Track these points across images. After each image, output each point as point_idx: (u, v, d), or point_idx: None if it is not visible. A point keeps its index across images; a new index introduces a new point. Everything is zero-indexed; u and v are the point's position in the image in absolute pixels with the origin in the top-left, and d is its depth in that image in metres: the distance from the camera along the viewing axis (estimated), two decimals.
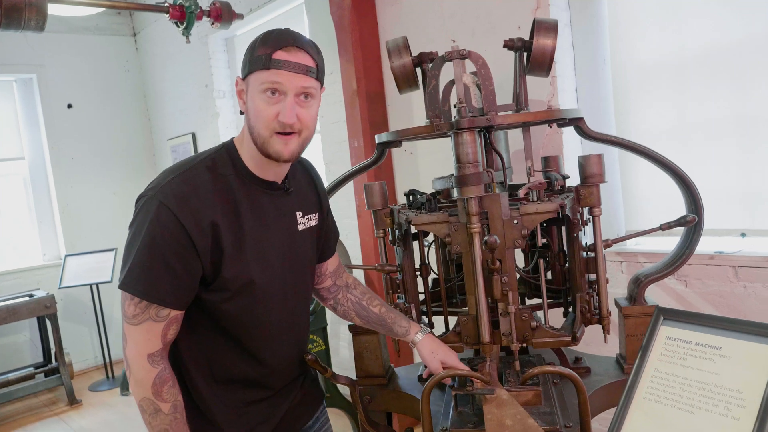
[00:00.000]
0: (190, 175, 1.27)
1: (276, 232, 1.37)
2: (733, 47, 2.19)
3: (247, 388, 1.42)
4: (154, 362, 1.25)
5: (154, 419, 1.25)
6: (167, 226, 1.20)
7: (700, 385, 1.03)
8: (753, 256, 2.09)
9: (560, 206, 1.47)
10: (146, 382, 1.24)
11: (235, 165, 1.33)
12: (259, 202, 1.34)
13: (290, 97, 1.24)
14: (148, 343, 1.24)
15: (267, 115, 1.24)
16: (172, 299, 1.23)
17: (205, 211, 1.24)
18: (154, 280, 1.21)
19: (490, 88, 1.48)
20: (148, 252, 1.21)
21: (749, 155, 2.20)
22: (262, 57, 1.23)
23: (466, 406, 1.46)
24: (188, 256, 1.22)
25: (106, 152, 5.63)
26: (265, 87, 1.23)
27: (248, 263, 1.30)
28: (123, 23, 5.70)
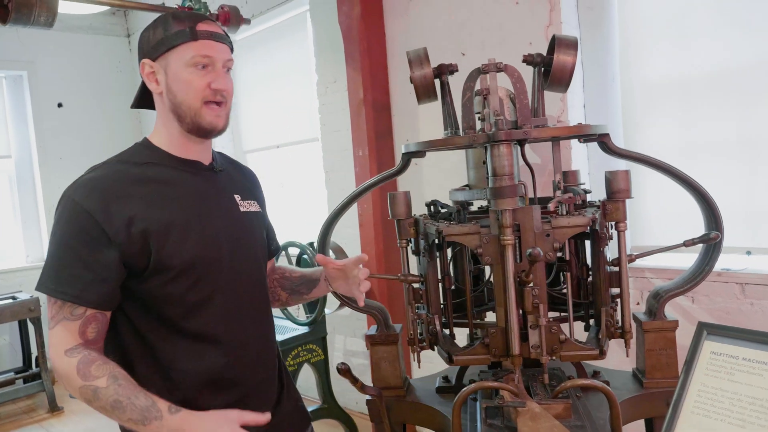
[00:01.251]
0: (100, 170, 1.28)
1: (212, 210, 1.34)
2: (741, 70, 2.25)
3: (215, 390, 1.32)
4: (73, 353, 1.19)
5: (98, 399, 1.16)
6: (77, 219, 1.20)
7: (750, 400, 1.04)
8: (760, 274, 2.14)
9: (592, 220, 1.48)
10: (71, 372, 1.17)
11: (152, 152, 1.33)
12: (187, 181, 1.33)
13: (218, 67, 1.28)
14: (63, 341, 1.20)
15: (198, 86, 1.26)
16: (88, 295, 1.19)
17: (118, 198, 1.22)
18: (66, 276, 1.19)
19: (525, 101, 1.50)
20: (59, 249, 1.21)
21: (754, 175, 2.26)
22: (185, 30, 1.25)
23: (495, 419, 1.46)
24: (101, 247, 1.20)
25: (95, 153, 5.46)
26: (195, 60, 1.25)
27: (182, 240, 1.26)
28: (117, 23, 5.64)
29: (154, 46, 1.29)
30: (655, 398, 1.70)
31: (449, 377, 1.88)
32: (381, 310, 1.89)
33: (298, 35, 3.97)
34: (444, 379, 1.87)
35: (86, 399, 1.18)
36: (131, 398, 1.15)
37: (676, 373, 1.71)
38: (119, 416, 1.16)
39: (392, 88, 3.29)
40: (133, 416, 1.14)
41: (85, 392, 1.17)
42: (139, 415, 1.14)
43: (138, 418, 1.14)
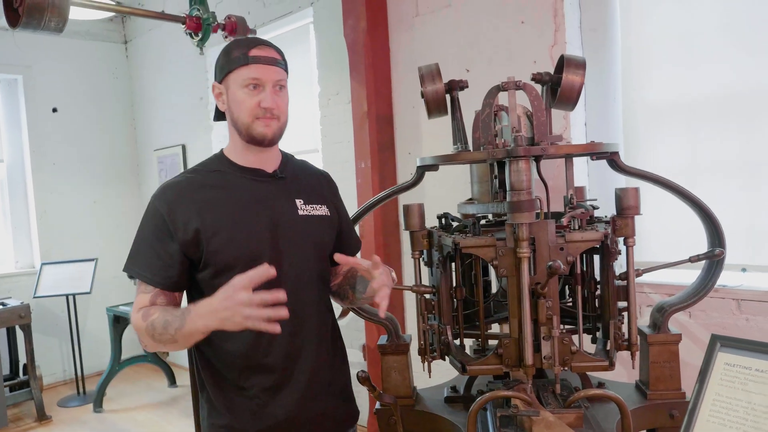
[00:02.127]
0: (177, 177, 1.54)
1: (266, 212, 1.49)
2: (743, 93, 2.33)
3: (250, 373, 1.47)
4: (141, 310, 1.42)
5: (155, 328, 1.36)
6: (152, 216, 1.46)
7: (764, 409, 1.08)
8: (755, 291, 2.20)
9: (604, 235, 1.53)
10: (138, 320, 1.40)
11: (220, 162, 1.55)
12: (245, 186, 1.51)
13: (268, 88, 1.45)
14: (137, 306, 1.45)
15: (250, 105, 1.45)
16: (156, 278, 1.43)
17: (182, 199, 1.45)
18: (143, 262, 1.45)
19: (542, 119, 1.55)
20: (140, 240, 1.48)
21: (753, 196, 2.34)
22: (239, 56, 1.45)
23: (508, 427, 1.49)
24: (167, 240, 1.43)
25: (88, 159, 5.50)
26: (246, 82, 1.44)
27: (229, 240, 1.44)
28: (114, 30, 5.64)
29: (219, 70, 1.50)
30: (658, 409, 1.75)
31: (457, 387, 1.91)
32: (392, 320, 1.92)
33: (300, 47, 4.01)
34: (452, 389, 1.90)
35: (150, 335, 1.37)
36: (173, 313, 1.36)
37: (679, 385, 1.76)
38: (170, 332, 1.34)
39: (395, 101, 3.34)
40: (177, 325, 1.33)
41: (148, 329, 1.37)
42: (179, 322, 1.33)
43: (180, 324, 1.33)
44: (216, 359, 1.50)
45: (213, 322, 1.28)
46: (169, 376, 5.01)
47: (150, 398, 4.78)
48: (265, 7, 4.02)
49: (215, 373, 1.51)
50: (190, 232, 1.42)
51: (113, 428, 4.21)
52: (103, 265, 5.03)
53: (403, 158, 3.37)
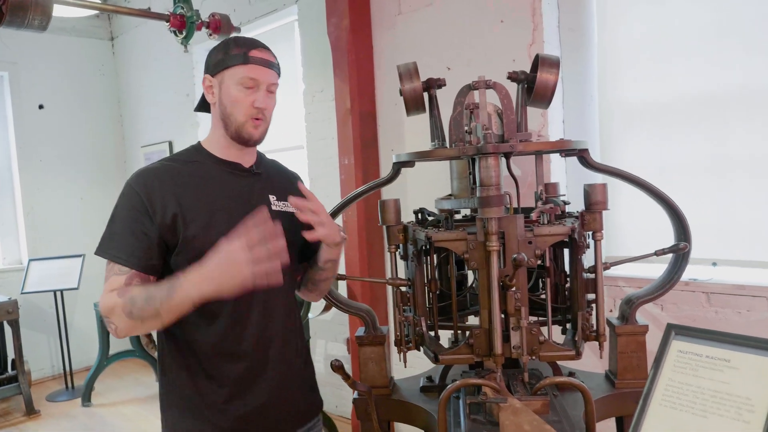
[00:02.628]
0: (154, 164, 1.54)
1: (242, 205, 1.52)
2: (713, 96, 2.39)
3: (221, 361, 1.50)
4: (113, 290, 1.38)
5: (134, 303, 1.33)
6: (128, 198, 1.46)
7: (712, 393, 1.14)
8: (724, 284, 2.27)
9: (572, 229, 1.59)
10: (114, 300, 1.36)
11: (199, 152, 1.57)
12: (223, 179, 1.54)
13: (262, 89, 1.50)
14: (109, 288, 1.40)
15: (245, 103, 1.48)
16: (132, 259, 1.41)
17: (160, 183, 1.46)
18: (118, 244, 1.42)
19: (512, 117, 1.60)
20: (115, 223, 1.45)
21: (722, 193, 2.40)
22: (239, 54, 1.48)
23: (478, 414, 1.54)
24: (144, 220, 1.42)
25: (75, 156, 5.51)
26: (244, 81, 1.47)
27: (206, 227, 1.46)
28: (101, 26, 5.64)
29: (214, 64, 1.51)
30: (626, 398, 1.81)
31: (433, 377, 1.96)
32: (369, 313, 1.97)
33: (285, 45, 4.04)
34: (428, 379, 1.95)
35: (128, 312, 1.34)
36: (157, 287, 1.36)
37: (646, 374, 1.81)
38: (153, 305, 1.32)
39: (378, 99, 3.39)
40: (162, 296, 1.32)
41: (126, 306, 1.34)
42: (166, 292, 1.32)
43: (166, 295, 1.32)
44: (185, 347, 1.51)
45: (209, 287, 1.29)
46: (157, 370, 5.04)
47: (138, 392, 4.82)
48: (250, 5, 4.05)
49: (183, 361, 1.52)
50: (168, 216, 1.43)
51: (101, 422, 4.25)
52: (91, 261, 5.04)
53: (386, 155, 3.42)
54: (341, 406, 3.91)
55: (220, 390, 1.51)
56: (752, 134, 2.32)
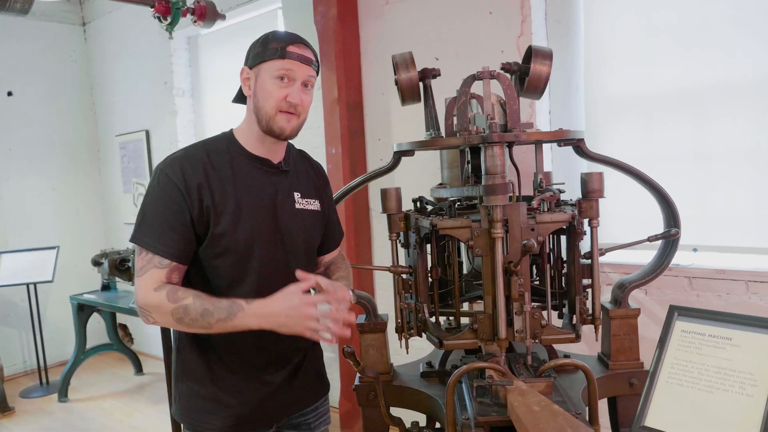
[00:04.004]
0: (186, 151, 1.53)
1: (266, 203, 1.53)
2: (696, 90, 2.48)
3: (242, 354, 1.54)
4: (160, 288, 1.41)
5: (188, 314, 1.37)
6: (165, 187, 1.44)
7: (716, 370, 1.21)
8: (706, 269, 2.37)
9: (572, 217, 1.64)
10: (161, 300, 1.39)
11: (230, 144, 1.55)
12: (251, 175, 1.53)
13: (298, 83, 1.48)
14: (152, 282, 1.42)
15: (277, 96, 1.47)
16: (172, 250, 1.42)
17: (194, 174, 1.45)
18: (157, 234, 1.43)
19: (515, 107, 1.64)
20: (151, 210, 1.45)
21: (702, 183, 2.50)
22: (277, 49, 1.47)
23: (484, 397, 1.59)
24: (183, 211, 1.43)
25: (46, 145, 5.35)
26: (279, 73, 1.46)
27: (233, 224, 1.47)
28: (72, 11, 5.47)
29: (253, 57, 1.51)
30: (619, 378, 1.89)
31: (432, 363, 2.01)
32: (369, 300, 2.00)
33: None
34: (428, 365, 2.00)
35: (178, 318, 1.38)
36: (215, 304, 1.38)
37: (638, 356, 1.90)
38: (209, 321, 1.37)
39: (365, 88, 3.40)
40: (221, 316, 1.36)
41: (177, 312, 1.38)
42: (225, 314, 1.36)
43: (225, 316, 1.36)
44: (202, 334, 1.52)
45: (269, 324, 1.36)
46: (136, 364, 4.97)
47: (116, 387, 4.75)
48: None
49: (198, 345, 1.55)
50: (202, 208, 1.44)
51: (80, 417, 4.17)
52: (64, 253, 4.93)
53: (373, 144, 3.43)
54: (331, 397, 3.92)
55: (233, 376, 1.54)
56: (731, 126, 2.41)
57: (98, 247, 5.19)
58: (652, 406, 1.24)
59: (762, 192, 2.37)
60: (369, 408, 1.92)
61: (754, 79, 2.34)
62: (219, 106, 4.61)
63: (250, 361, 1.55)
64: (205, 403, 1.54)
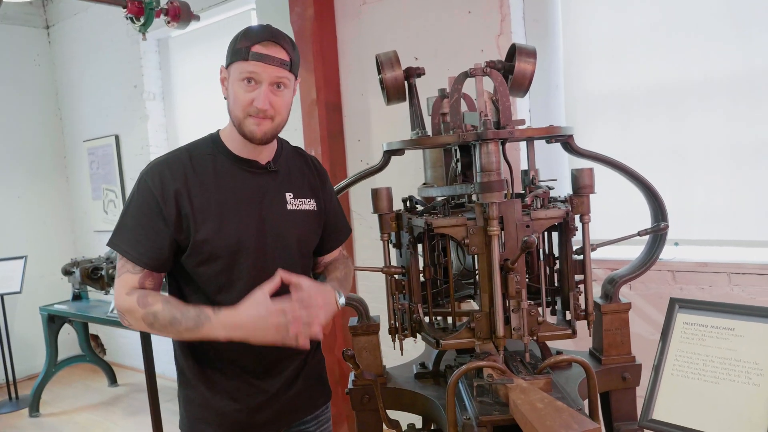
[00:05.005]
0: (169, 155, 1.49)
1: (254, 206, 1.48)
2: (672, 87, 2.52)
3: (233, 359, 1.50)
4: (132, 293, 1.39)
5: (157, 320, 1.36)
6: (143, 194, 1.42)
7: (720, 360, 1.22)
8: (688, 262, 2.41)
9: (566, 213, 1.64)
10: (132, 305, 1.37)
11: (215, 146, 1.50)
12: (237, 177, 1.48)
13: (264, 86, 1.40)
14: (125, 287, 1.41)
15: (243, 101, 1.41)
16: (144, 258, 1.40)
17: (173, 180, 1.41)
18: (130, 239, 1.41)
19: (507, 104, 1.63)
20: (129, 216, 1.43)
21: (681, 178, 2.54)
22: (241, 49, 1.39)
23: (484, 396, 1.57)
24: (158, 219, 1.40)
25: (10, 152, 5.16)
26: (243, 76, 1.39)
27: (216, 230, 1.42)
28: (35, 14, 5.30)
29: (227, 55, 1.45)
30: (612, 373, 1.89)
31: (426, 364, 1.98)
32: (362, 302, 1.97)
33: None
34: (421, 366, 1.97)
35: (148, 323, 1.37)
36: (183, 312, 1.35)
37: (630, 350, 1.91)
38: (177, 329, 1.35)
39: (343, 89, 3.37)
40: (188, 325, 1.34)
41: (147, 317, 1.36)
42: (192, 323, 1.34)
43: (192, 326, 1.34)
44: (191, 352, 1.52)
45: (238, 335, 1.32)
46: (109, 375, 4.83)
47: (90, 399, 4.60)
48: None
49: (192, 353, 1.52)
50: (180, 216, 1.40)
51: None
52: (32, 263, 4.76)
53: (353, 145, 3.40)
54: None
55: (228, 382, 1.50)
56: (709, 122, 2.46)
57: (67, 256, 5.02)
58: (659, 399, 1.25)
59: (739, 186, 2.42)
60: (364, 412, 1.89)
61: (731, 75, 2.39)
62: (191, 110, 4.51)
63: (246, 367, 1.51)
64: (200, 410, 1.50)
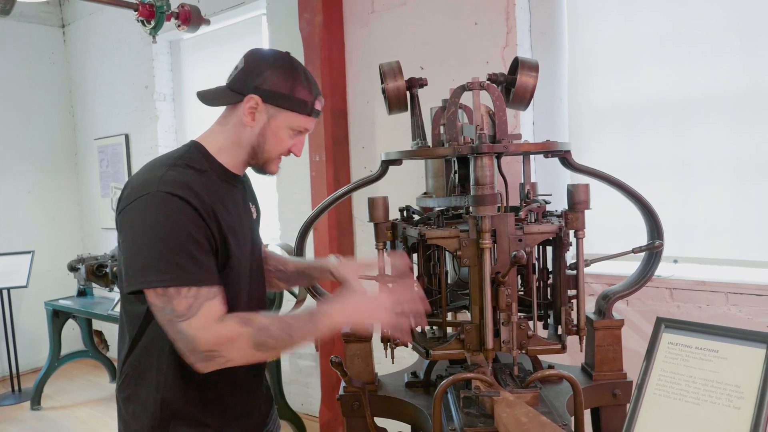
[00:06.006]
0: (177, 170, 1.33)
1: (244, 220, 1.50)
2: (675, 100, 2.52)
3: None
4: (222, 319, 1.25)
5: (270, 334, 1.26)
6: (184, 212, 1.26)
7: (703, 382, 1.22)
8: (686, 280, 2.41)
9: (559, 228, 1.65)
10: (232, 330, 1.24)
11: (208, 161, 1.42)
12: (231, 193, 1.46)
13: (305, 136, 1.49)
14: (213, 317, 1.24)
15: (285, 146, 1.45)
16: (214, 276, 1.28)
17: (204, 197, 1.31)
18: (193, 263, 1.24)
19: (504, 118, 1.65)
20: (173, 239, 1.23)
21: (682, 193, 2.54)
22: (306, 103, 1.41)
23: (470, 408, 1.58)
24: (204, 233, 1.29)
25: (23, 147, 5.24)
26: (300, 129, 1.44)
27: (238, 245, 1.41)
28: (51, 12, 5.39)
29: (273, 94, 1.37)
30: (603, 389, 1.89)
31: (417, 373, 1.99)
32: None
33: (252, 38, 3.99)
34: (413, 375, 1.98)
35: (259, 342, 1.25)
36: (291, 316, 1.34)
37: (621, 367, 1.91)
38: (294, 336, 1.29)
39: (350, 96, 3.39)
40: (306, 326, 1.31)
41: (257, 336, 1.24)
42: (309, 323, 1.32)
43: (309, 326, 1.31)
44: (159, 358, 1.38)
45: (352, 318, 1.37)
46: (111, 371, 4.87)
47: (91, 394, 4.64)
48: None
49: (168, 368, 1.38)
50: (221, 232, 1.34)
51: (53, 426, 4.07)
52: (39, 258, 4.83)
53: (357, 152, 3.43)
54: (307, 404, 3.89)
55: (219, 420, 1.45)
56: (712, 136, 2.46)
57: (74, 252, 5.08)
58: (640, 419, 1.25)
59: (741, 203, 2.42)
60: (354, 418, 1.90)
61: (735, 90, 2.39)
62: (201, 111, 4.56)
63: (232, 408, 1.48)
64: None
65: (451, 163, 2.06)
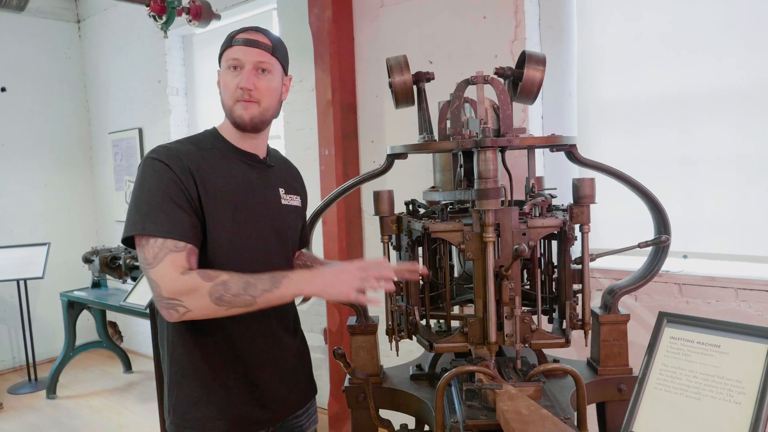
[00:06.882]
0: (175, 144, 1.49)
1: (257, 197, 1.54)
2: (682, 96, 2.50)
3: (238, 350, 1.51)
4: (187, 272, 1.32)
5: (228, 289, 1.31)
6: (160, 172, 1.38)
7: (704, 377, 1.22)
8: (695, 276, 2.39)
9: (563, 222, 1.65)
10: (195, 282, 1.30)
11: (216, 139, 1.54)
12: (241, 169, 1.52)
13: (248, 68, 1.46)
14: (175, 268, 1.32)
15: (230, 86, 1.47)
16: (186, 232, 1.35)
17: (186, 161, 1.41)
18: (165, 216, 1.34)
19: (508, 112, 1.65)
20: (151, 197, 1.36)
21: (691, 189, 2.51)
22: (227, 40, 1.50)
23: (473, 401, 1.59)
24: (186, 196, 1.38)
25: (38, 141, 5.32)
26: (229, 64, 1.47)
27: (229, 219, 1.45)
28: (67, 8, 5.45)
29: (219, 56, 1.53)
30: (608, 384, 1.89)
31: (422, 365, 2.00)
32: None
33: None
34: (417, 368, 1.99)
35: (218, 296, 1.30)
36: (254, 276, 1.33)
37: (627, 362, 1.91)
38: (252, 293, 1.31)
39: (359, 90, 3.40)
40: (265, 286, 1.32)
41: (215, 290, 1.30)
42: (269, 283, 1.33)
43: (269, 286, 1.33)
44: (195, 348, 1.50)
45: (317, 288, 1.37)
46: (125, 361, 4.95)
47: (105, 384, 4.72)
48: None
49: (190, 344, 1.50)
50: (197, 200, 1.40)
51: (68, 414, 4.15)
52: (55, 250, 4.91)
53: (366, 146, 3.44)
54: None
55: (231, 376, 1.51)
56: (719, 133, 2.43)
57: (89, 244, 5.16)
58: (641, 413, 1.25)
59: (748, 199, 2.39)
60: (358, 410, 1.92)
61: (742, 86, 2.36)
62: (213, 105, 4.59)
63: (243, 360, 1.53)
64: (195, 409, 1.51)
65: (457, 157, 2.06)
